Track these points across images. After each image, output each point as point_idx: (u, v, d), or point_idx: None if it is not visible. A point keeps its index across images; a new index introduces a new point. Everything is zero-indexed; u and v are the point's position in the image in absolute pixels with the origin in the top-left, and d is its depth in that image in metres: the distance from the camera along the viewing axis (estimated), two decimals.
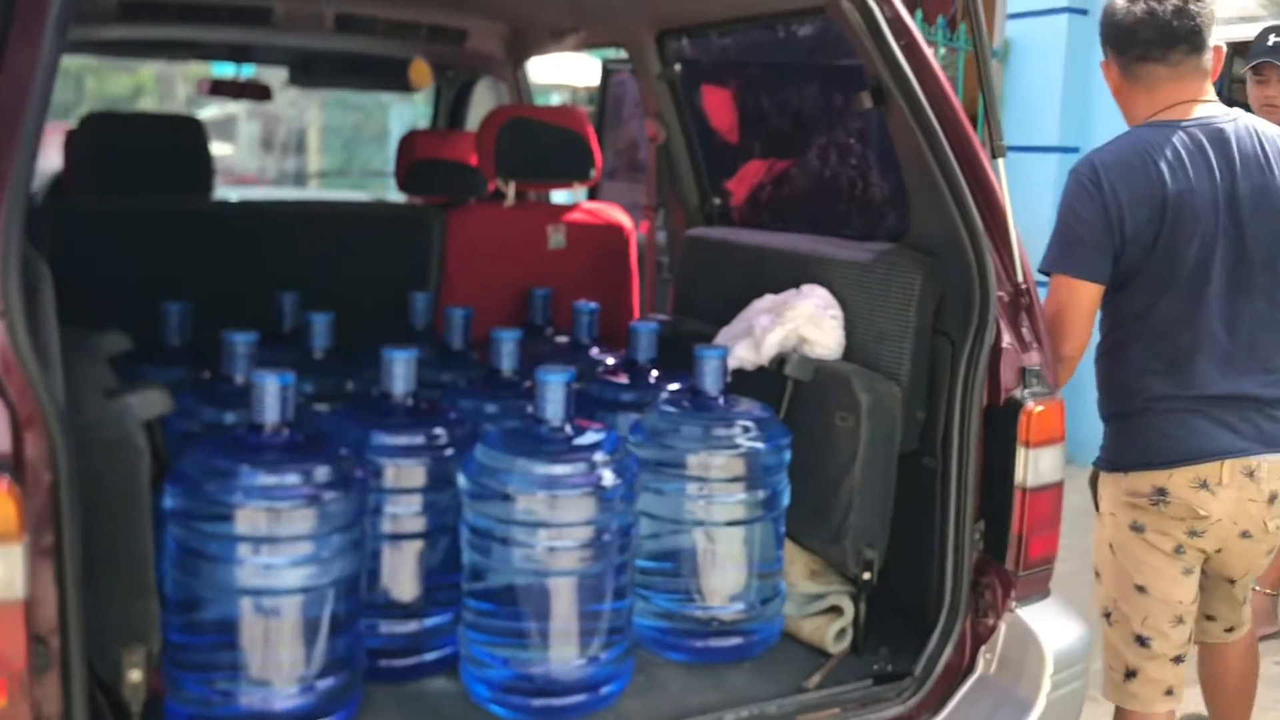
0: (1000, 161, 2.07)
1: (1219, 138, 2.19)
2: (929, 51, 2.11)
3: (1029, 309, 2.07)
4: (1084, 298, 2.19)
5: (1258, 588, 3.91)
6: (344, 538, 1.75)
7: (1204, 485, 2.18)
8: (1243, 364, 2.20)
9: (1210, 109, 2.24)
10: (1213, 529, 2.21)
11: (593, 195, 3.89)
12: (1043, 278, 2.26)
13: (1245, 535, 2.24)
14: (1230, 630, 2.51)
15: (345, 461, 1.77)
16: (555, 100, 8.53)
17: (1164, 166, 2.15)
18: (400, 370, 1.97)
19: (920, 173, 2.11)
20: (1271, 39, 3.41)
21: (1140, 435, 2.23)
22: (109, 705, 1.62)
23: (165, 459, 1.75)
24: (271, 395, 1.74)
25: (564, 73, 7.55)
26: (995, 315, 2.01)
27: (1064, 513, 4.75)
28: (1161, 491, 2.20)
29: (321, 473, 1.72)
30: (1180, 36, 2.20)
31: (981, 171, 2.07)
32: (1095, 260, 2.18)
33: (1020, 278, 2.06)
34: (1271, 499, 2.22)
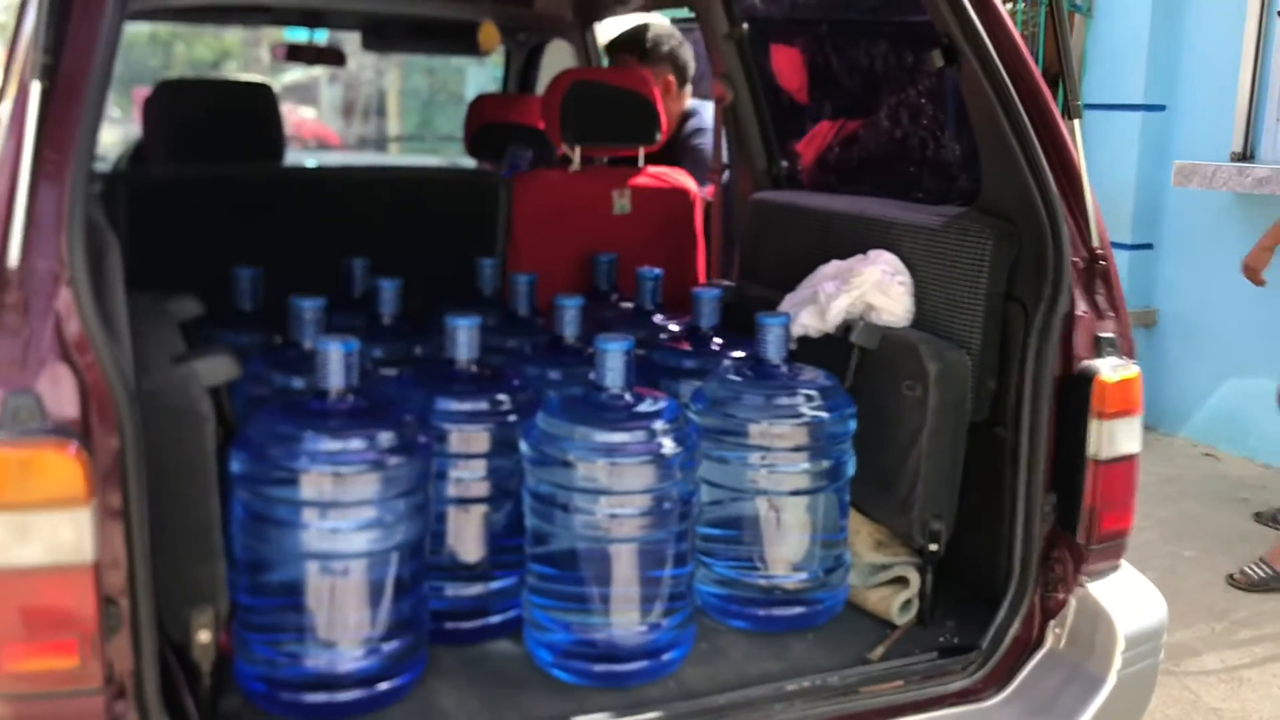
0: (1076, 122, 2.00)
1: None
2: (1003, 6, 2.04)
3: (1105, 275, 2.01)
4: None
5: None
6: (408, 502, 1.77)
7: None
8: None
9: None
10: None
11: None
12: (1121, 242, 2.18)
13: None
14: None
15: (409, 427, 1.78)
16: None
17: None
18: (464, 337, 1.97)
19: (993, 134, 2.05)
20: None
21: None
22: (180, 666, 1.66)
23: (232, 424, 1.78)
24: (336, 362, 1.76)
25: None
26: (1069, 282, 1.95)
27: (1145, 481, 4.67)
28: None
29: (385, 438, 1.74)
30: None
31: (1057, 132, 2.01)
32: None
33: (1096, 242, 2.00)
34: None
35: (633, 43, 3.53)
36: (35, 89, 1.44)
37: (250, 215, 2.63)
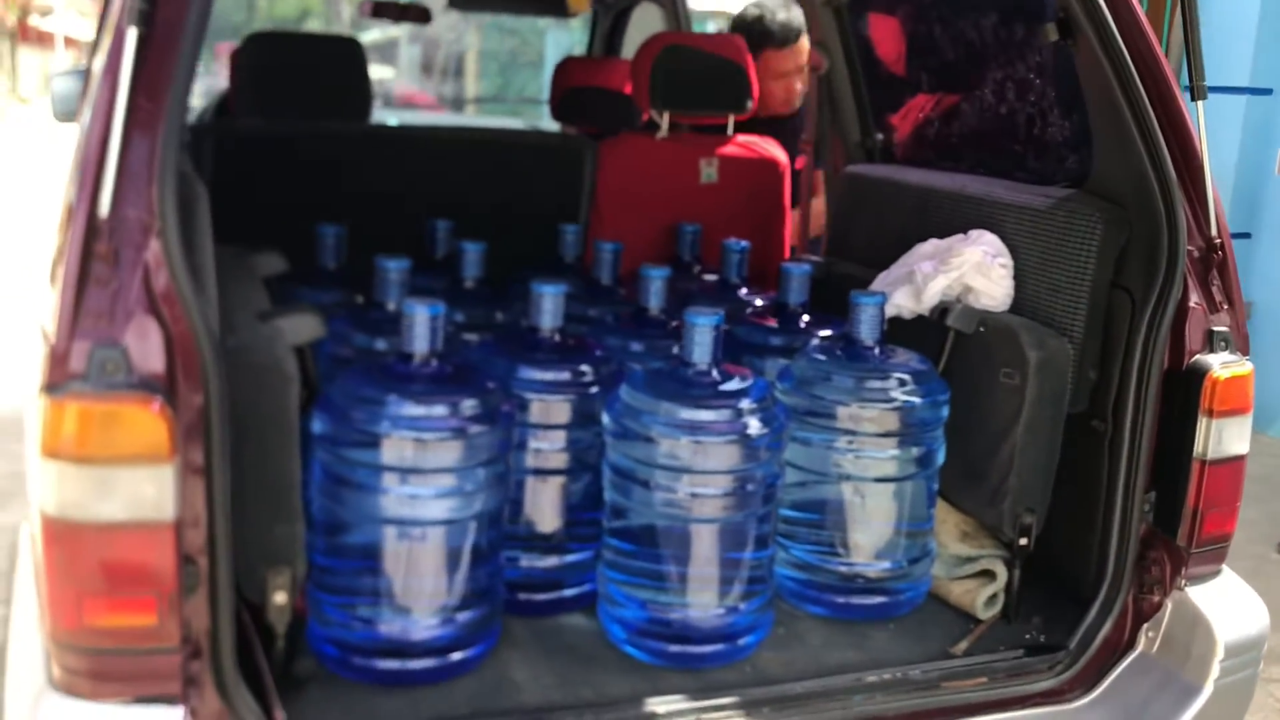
0: (1200, 105, 1.90)
1: None
2: None
3: (1221, 266, 1.91)
4: None
5: None
6: (488, 471, 1.74)
7: None
8: None
9: None
10: None
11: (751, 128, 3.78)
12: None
13: None
14: None
15: (492, 395, 1.75)
16: (712, 28, 8.36)
17: None
18: (548, 305, 1.93)
19: (1109, 113, 1.95)
20: None
21: None
22: (255, 626, 1.65)
23: (316, 384, 1.76)
24: (421, 325, 1.72)
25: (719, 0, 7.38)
26: (1184, 271, 1.86)
27: None
28: None
29: (468, 405, 1.71)
30: None
31: (1177, 114, 1.91)
32: None
33: (1214, 231, 1.90)
34: None
35: (763, 36, 3.39)
36: (131, 35, 1.41)
37: (335, 172, 2.61)
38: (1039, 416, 1.96)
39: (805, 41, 3.31)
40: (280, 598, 1.60)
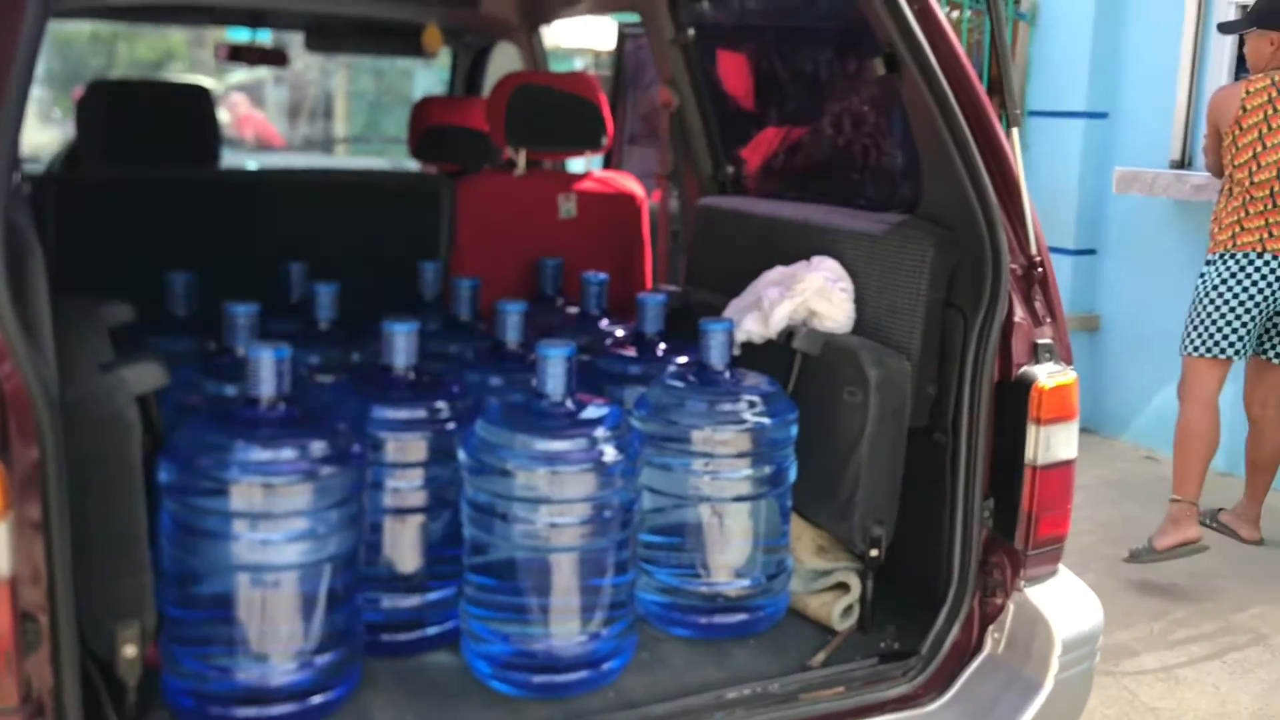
0: (1015, 132, 2.02)
1: None
2: (943, 16, 2.05)
3: (1043, 282, 2.03)
4: None
5: (1175, 495, 4.00)
6: (341, 512, 1.73)
7: None
8: None
9: None
10: None
11: (609, 163, 3.85)
12: (1064, 248, 2.22)
13: None
14: None
15: (342, 436, 1.75)
16: (579, 65, 8.46)
17: None
18: (401, 343, 1.94)
19: (933, 142, 2.05)
20: None
21: None
22: (105, 681, 1.62)
23: (161, 433, 1.74)
24: (266, 369, 1.72)
25: (587, 37, 7.48)
26: (1007, 289, 1.96)
27: (1087, 484, 4.73)
28: None
29: (317, 447, 1.71)
30: None
31: (996, 141, 2.02)
32: None
33: (1034, 250, 2.01)
34: None
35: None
36: None
37: (185, 219, 2.58)
38: (882, 432, 2.05)
39: None
40: (130, 651, 1.57)
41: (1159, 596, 3.89)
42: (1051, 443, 1.95)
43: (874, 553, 2.06)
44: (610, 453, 1.83)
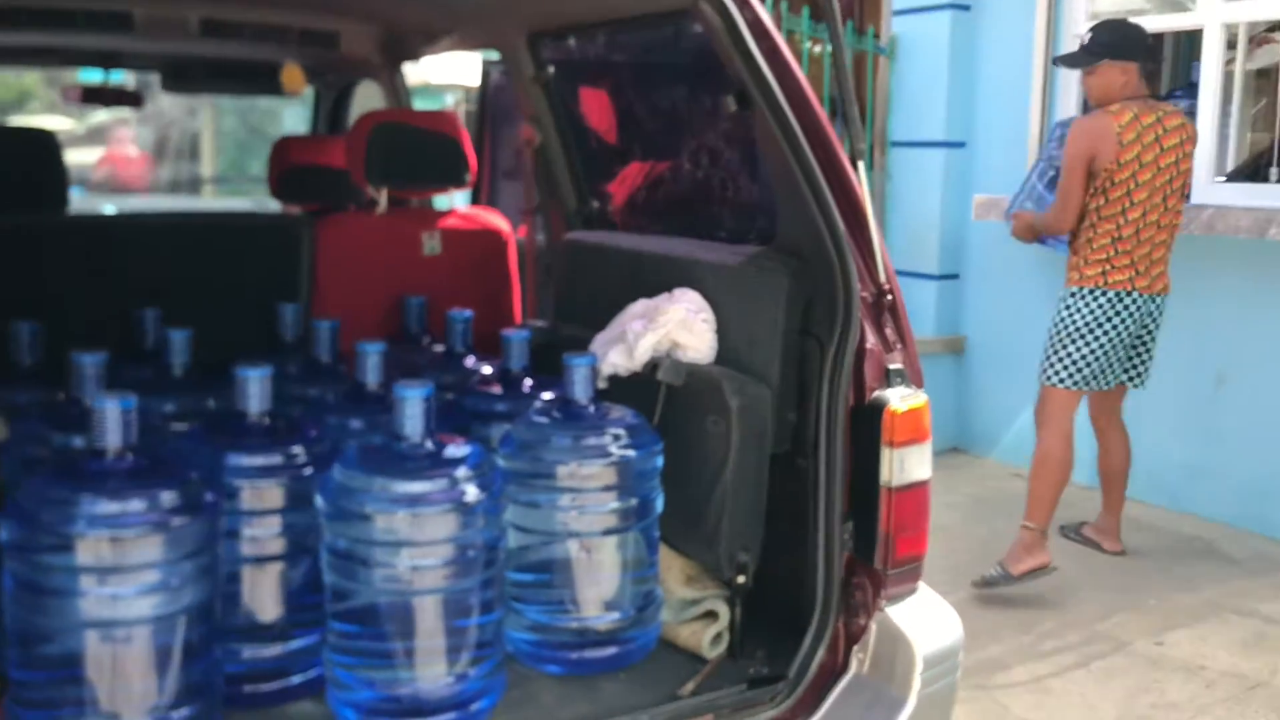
0: (861, 165, 2.08)
1: None
2: (790, 55, 2.11)
3: (892, 309, 2.09)
4: None
5: (1027, 523, 4.11)
6: (194, 563, 1.69)
7: None
8: None
9: None
10: None
11: (477, 198, 3.85)
12: (929, 273, 2.29)
13: None
14: None
15: (192, 485, 1.71)
16: (449, 100, 8.44)
17: None
18: (254, 388, 1.91)
19: (785, 176, 2.11)
20: None
21: None
22: None
23: (1, 490, 1.68)
24: (112, 419, 1.67)
25: (456, 73, 7.47)
26: (859, 316, 2.02)
27: (959, 503, 4.84)
28: None
29: (167, 497, 1.66)
30: None
31: (843, 174, 2.08)
32: None
33: (883, 278, 2.08)
34: None
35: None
36: None
37: (31, 266, 2.50)
38: (744, 460, 2.08)
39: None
40: None
41: (1026, 609, 4.01)
42: (905, 464, 2.01)
43: (741, 579, 2.09)
44: (472, 492, 1.82)
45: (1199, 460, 5.05)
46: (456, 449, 1.88)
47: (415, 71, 7.72)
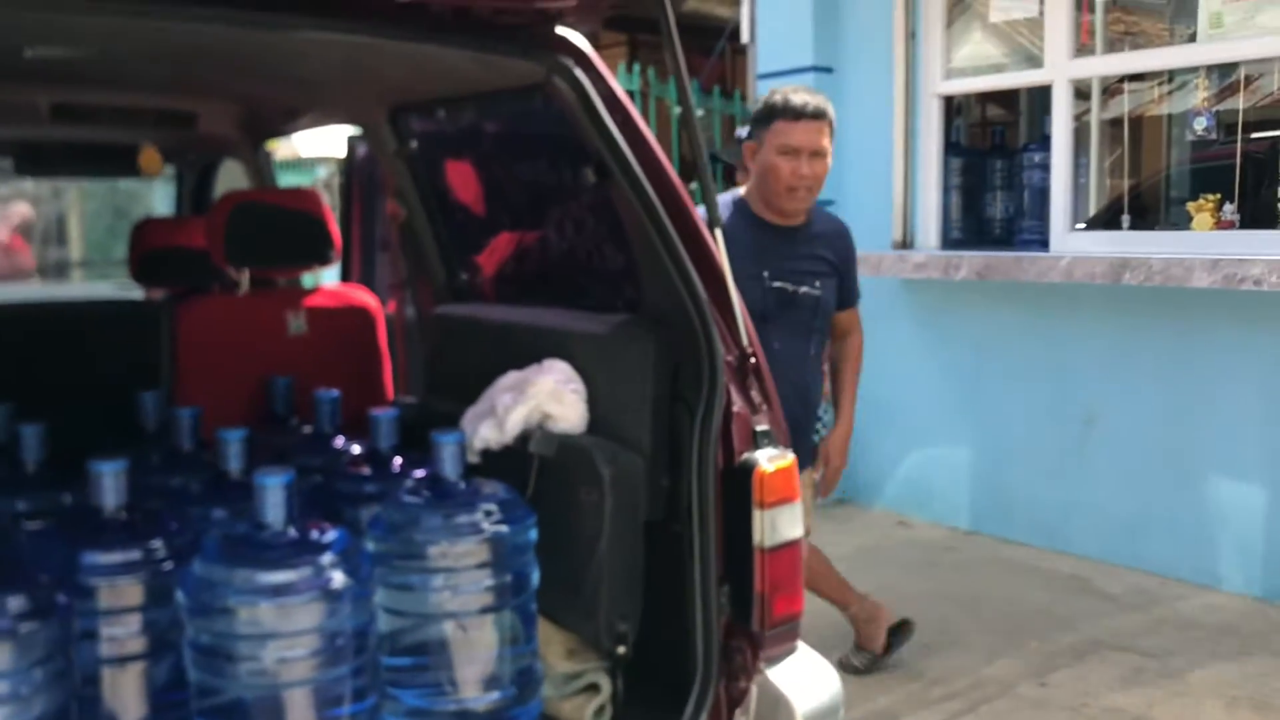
0: (719, 231, 2.12)
1: None
2: (643, 125, 2.15)
3: (756, 371, 2.12)
4: None
5: (849, 609, 3.89)
6: (45, 670, 1.61)
7: None
8: None
9: None
10: None
11: (346, 274, 3.81)
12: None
13: None
14: None
15: (42, 588, 1.64)
16: (322, 174, 8.37)
17: None
18: (109, 483, 1.84)
19: (645, 245, 2.14)
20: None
21: None
22: None
23: None
24: None
25: (327, 146, 7.42)
26: (724, 380, 2.05)
27: (847, 554, 4.85)
28: None
29: (14, 603, 1.59)
30: None
31: (702, 242, 2.12)
32: None
33: (745, 342, 2.11)
34: None
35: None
36: None
37: None
38: (619, 528, 2.08)
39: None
40: None
41: (912, 658, 4.06)
42: (777, 524, 2.03)
43: (621, 650, 2.08)
44: (338, 578, 1.78)
45: (1072, 499, 5.22)
46: (321, 535, 1.84)
47: (284, 146, 7.65)
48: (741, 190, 3.48)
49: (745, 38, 6.57)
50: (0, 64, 2.21)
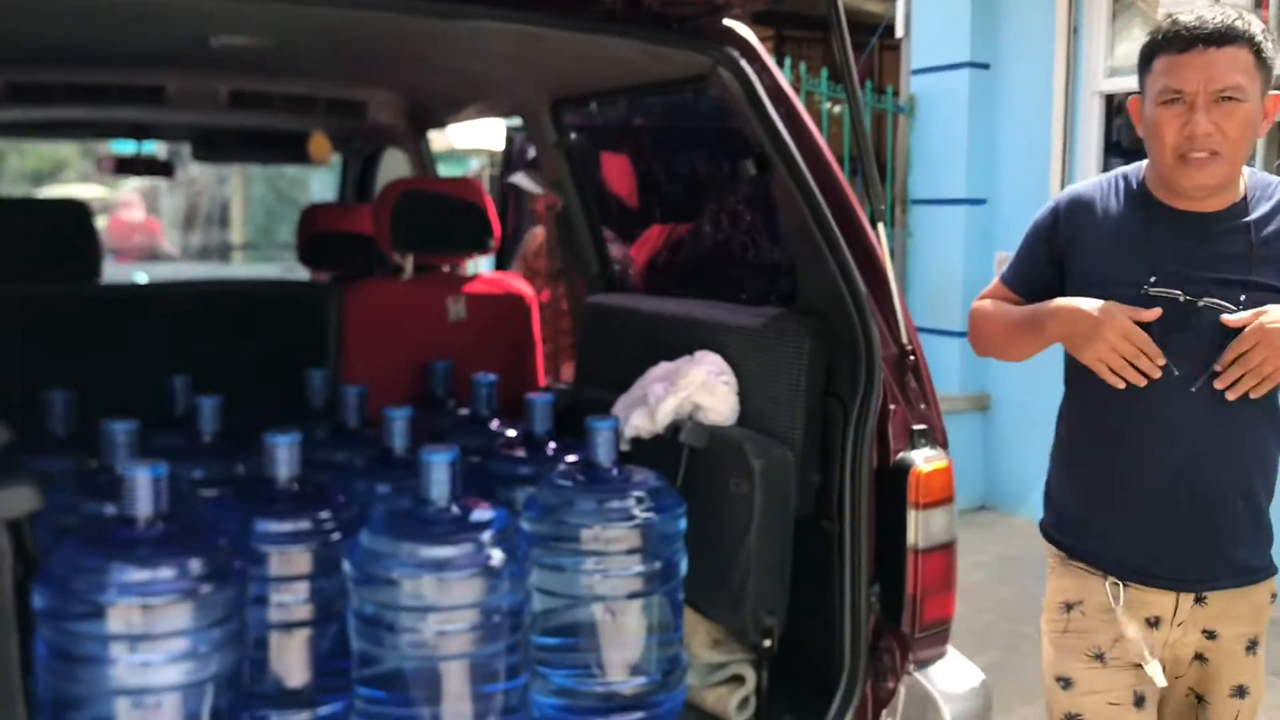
0: (881, 226, 2.10)
1: None
2: (807, 117, 2.14)
3: (915, 370, 2.10)
4: None
5: None
6: (222, 630, 1.70)
7: None
8: None
9: None
10: None
11: (501, 263, 3.90)
12: (952, 330, 2.29)
13: None
14: None
15: (221, 552, 1.72)
16: (475, 165, 8.56)
17: None
18: (283, 455, 1.93)
19: (805, 238, 2.13)
20: None
21: None
22: None
23: (35, 558, 1.70)
24: (142, 488, 1.69)
25: (482, 138, 7.59)
26: (881, 377, 2.03)
27: (987, 562, 4.77)
28: None
29: (196, 565, 1.68)
30: None
31: (864, 235, 2.10)
32: None
33: (905, 339, 2.09)
34: None
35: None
36: None
37: (66, 336, 2.54)
38: (769, 522, 2.08)
39: None
40: None
41: None
42: (931, 526, 2.01)
43: (767, 643, 2.08)
44: (497, 556, 1.82)
45: None
46: (482, 513, 1.89)
47: (438, 137, 7.83)
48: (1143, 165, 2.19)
49: (900, 32, 6.47)
50: (188, 53, 2.33)
